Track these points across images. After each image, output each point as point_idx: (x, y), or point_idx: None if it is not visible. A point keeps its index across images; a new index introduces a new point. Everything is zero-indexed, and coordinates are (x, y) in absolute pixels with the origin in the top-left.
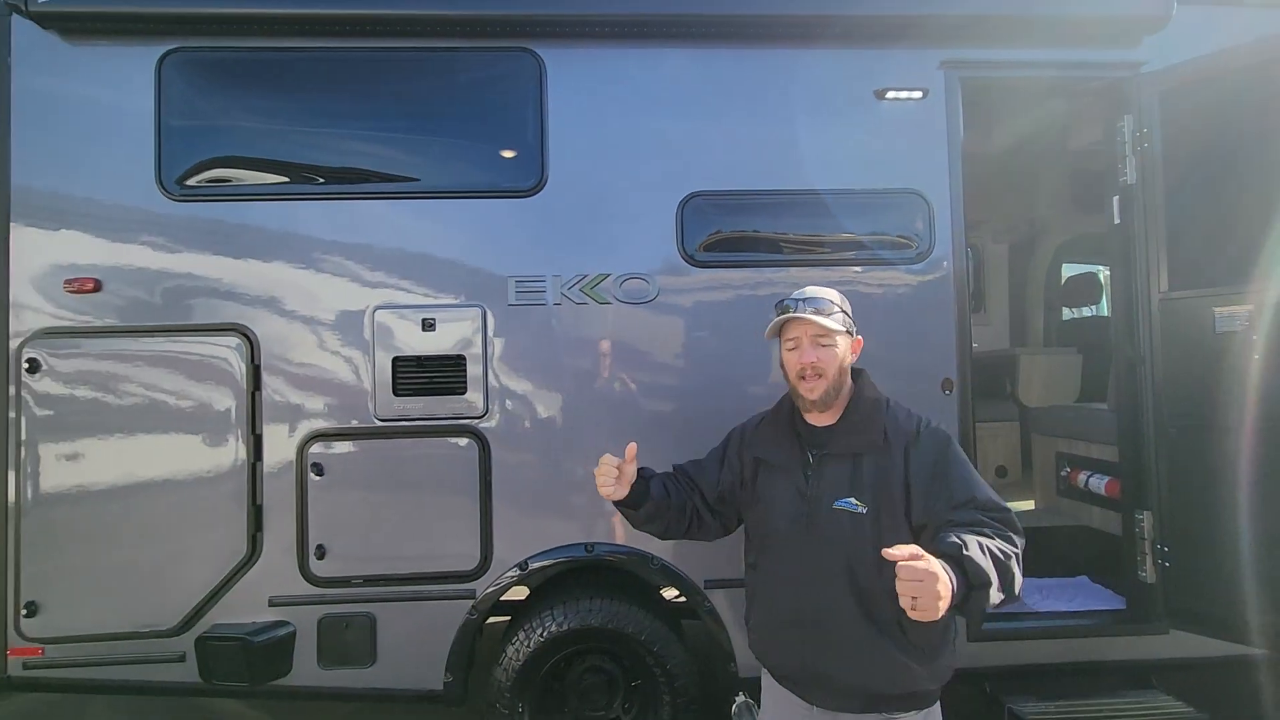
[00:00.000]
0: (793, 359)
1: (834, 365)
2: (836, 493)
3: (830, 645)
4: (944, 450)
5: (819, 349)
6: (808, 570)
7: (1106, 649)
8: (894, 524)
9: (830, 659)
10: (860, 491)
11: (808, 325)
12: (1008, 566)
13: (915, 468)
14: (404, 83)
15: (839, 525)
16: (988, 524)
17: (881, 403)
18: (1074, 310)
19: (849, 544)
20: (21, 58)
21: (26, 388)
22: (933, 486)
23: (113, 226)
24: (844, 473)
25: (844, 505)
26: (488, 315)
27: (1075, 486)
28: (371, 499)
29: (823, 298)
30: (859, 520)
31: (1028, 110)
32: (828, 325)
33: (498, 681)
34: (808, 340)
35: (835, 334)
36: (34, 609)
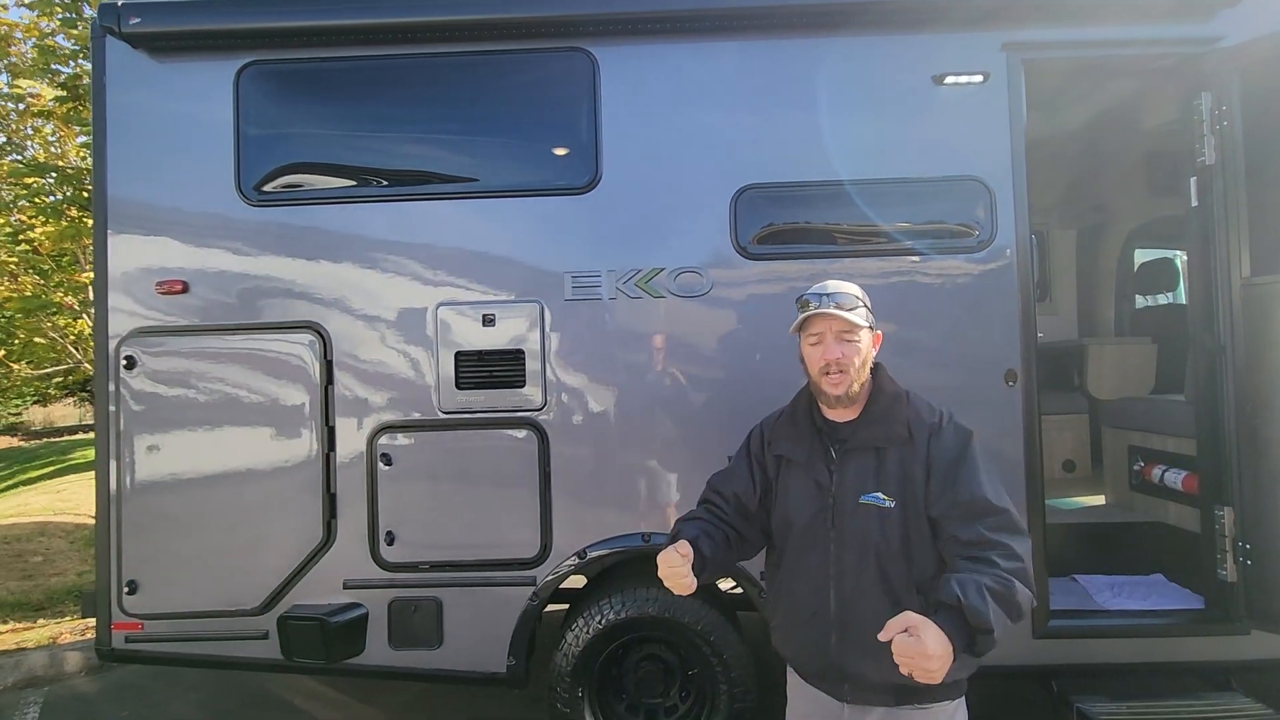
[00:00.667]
0: (815, 354)
1: (856, 361)
2: (862, 487)
3: (857, 640)
4: (964, 445)
5: (843, 344)
6: (832, 566)
7: (1182, 649)
8: (919, 516)
9: (859, 654)
10: (886, 485)
11: (832, 320)
12: (1010, 599)
13: (935, 458)
14: (462, 87)
15: (865, 520)
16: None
17: (902, 396)
18: (1148, 298)
19: (876, 539)
20: (115, 76)
21: (124, 384)
22: (945, 480)
23: (197, 231)
24: (868, 467)
25: (871, 500)
26: (545, 310)
27: (1149, 481)
28: (437, 488)
29: (845, 292)
30: (887, 514)
31: (1095, 90)
32: (852, 320)
33: (558, 667)
34: (831, 336)
35: (859, 329)
36: (134, 587)
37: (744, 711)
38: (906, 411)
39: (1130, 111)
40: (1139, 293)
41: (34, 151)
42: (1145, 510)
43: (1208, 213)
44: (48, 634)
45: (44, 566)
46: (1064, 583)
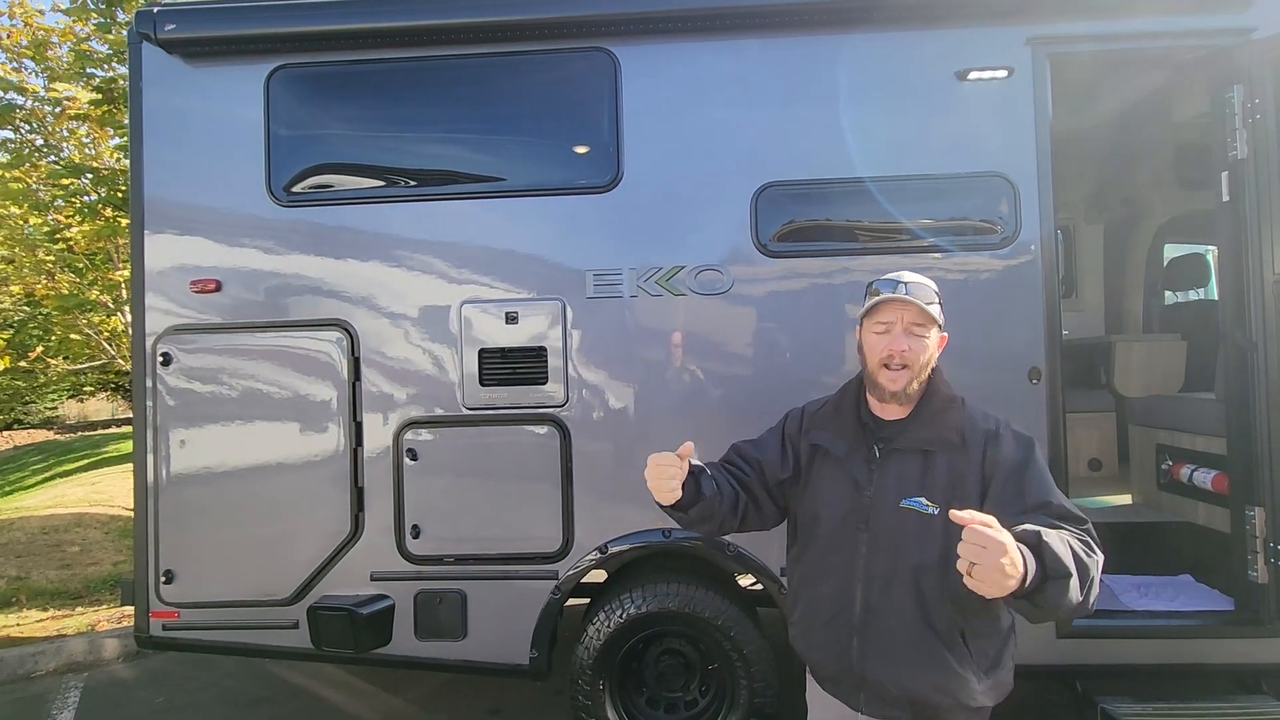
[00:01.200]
0: (879, 344)
1: (922, 358)
2: (904, 490)
3: (880, 648)
4: (1027, 454)
5: (911, 337)
6: (860, 568)
7: (1210, 651)
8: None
9: (878, 662)
10: (931, 491)
11: (907, 309)
12: (1087, 568)
13: (993, 466)
14: (485, 87)
15: (903, 525)
16: (1067, 530)
17: (957, 400)
18: (1178, 294)
19: (913, 545)
20: (151, 81)
21: (160, 380)
22: (1007, 488)
23: (229, 231)
24: (913, 470)
25: (912, 504)
26: (567, 308)
27: (1178, 481)
28: (461, 483)
29: (923, 284)
30: (927, 521)
31: (1124, 84)
32: (929, 313)
33: (579, 659)
34: (901, 327)
35: (931, 325)
36: (171, 576)
37: (764, 706)
38: (960, 416)
39: (1160, 105)
40: (1169, 288)
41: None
42: (1173, 510)
43: (1239, 207)
44: (86, 621)
45: (81, 556)
46: None
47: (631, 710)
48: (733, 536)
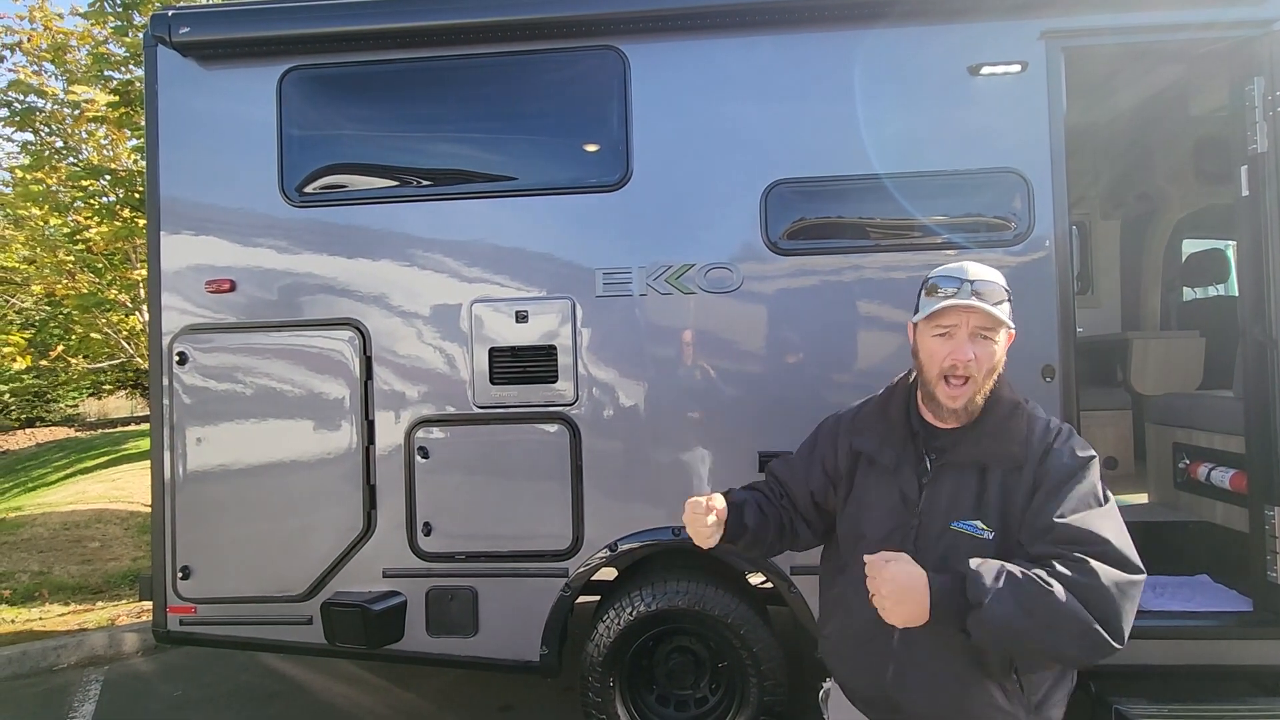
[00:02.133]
0: (941, 350)
1: (987, 367)
2: (957, 511)
3: (920, 678)
4: (1080, 468)
5: (979, 343)
6: None
7: (1228, 652)
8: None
9: (915, 690)
10: (986, 513)
11: (972, 313)
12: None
13: (1042, 479)
14: (494, 87)
15: (953, 548)
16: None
17: (1021, 406)
18: (1196, 290)
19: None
20: (166, 83)
21: (176, 379)
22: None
23: (243, 231)
24: (969, 488)
25: (965, 528)
26: (577, 307)
27: (1195, 480)
28: (472, 481)
29: (990, 280)
30: (981, 545)
31: (1140, 77)
32: (995, 315)
33: (589, 656)
34: (966, 331)
35: (1000, 328)
36: (188, 572)
37: (774, 705)
38: (1024, 427)
39: (1177, 98)
40: (1187, 284)
41: (88, 155)
42: (1191, 509)
43: (1259, 202)
44: (106, 616)
45: (101, 552)
46: None
47: (642, 707)
48: None
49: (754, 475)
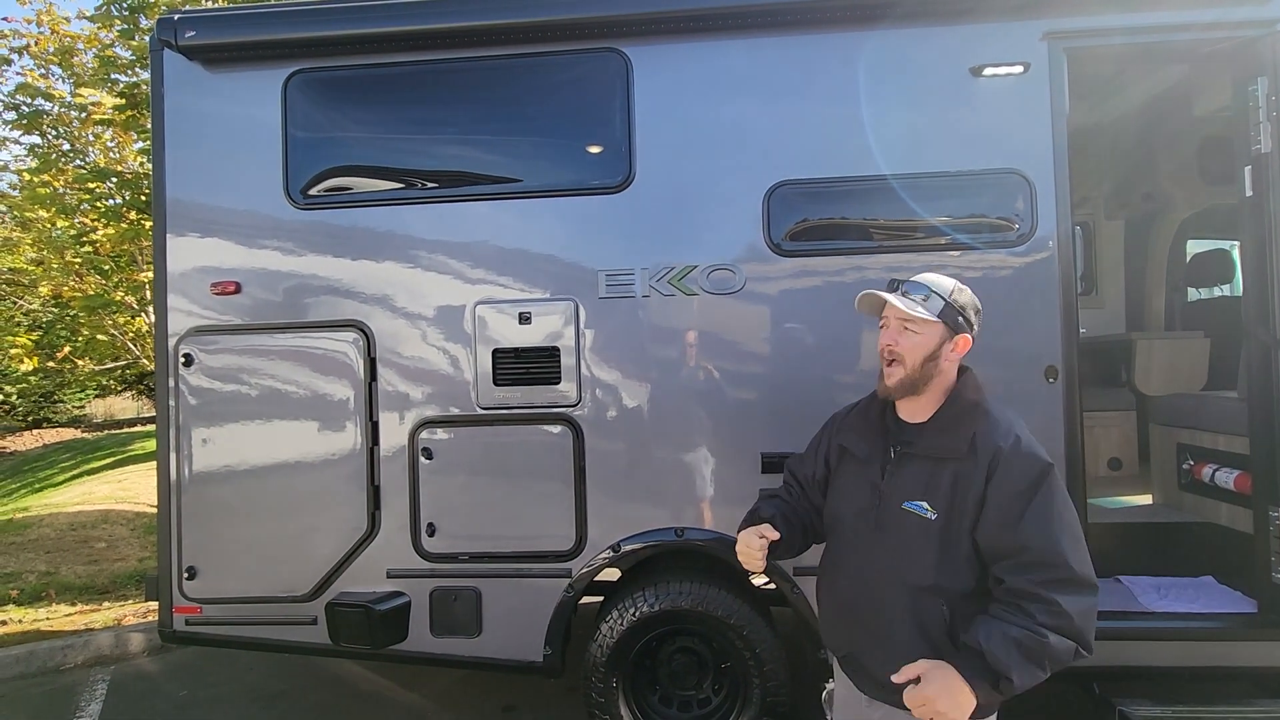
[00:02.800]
0: (880, 338)
1: (916, 355)
2: (909, 494)
3: (877, 640)
4: (1036, 480)
5: (902, 334)
6: (868, 564)
7: (1233, 654)
8: (959, 537)
9: (877, 652)
10: (933, 497)
11: (891, 308)
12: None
13: (995, 488)
14: (498, 89)
15: (904, 526)
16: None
17: (980, 408)
18: (1201, 290)
19: (911, 546)
20: (172, 86)
21: (182, 380)
22: (1006, 516)
23: (248, 234)
24: (921, 475)
25: (913, 508)
26: (580, 308)
27: (1200, 481)
28: (476, 482)
29: (925, 284)
30: (926, 526)
31: (1143, 77)
32: (908, 312)
33: (593, 657)
34: (895, 322)
35: (923, 323)
36: (193, 573)
37: (776, 705)
38: (976, 426)
39: (1181, 98)
40: (1191, 285)
41: (95, 157)
42: (1195, 510)
43: (1263, 202)
44: (112, 616)
45: (108, 552)
46: (1108, 583)
47: (645, 708)
48: None
49: (756, 476)
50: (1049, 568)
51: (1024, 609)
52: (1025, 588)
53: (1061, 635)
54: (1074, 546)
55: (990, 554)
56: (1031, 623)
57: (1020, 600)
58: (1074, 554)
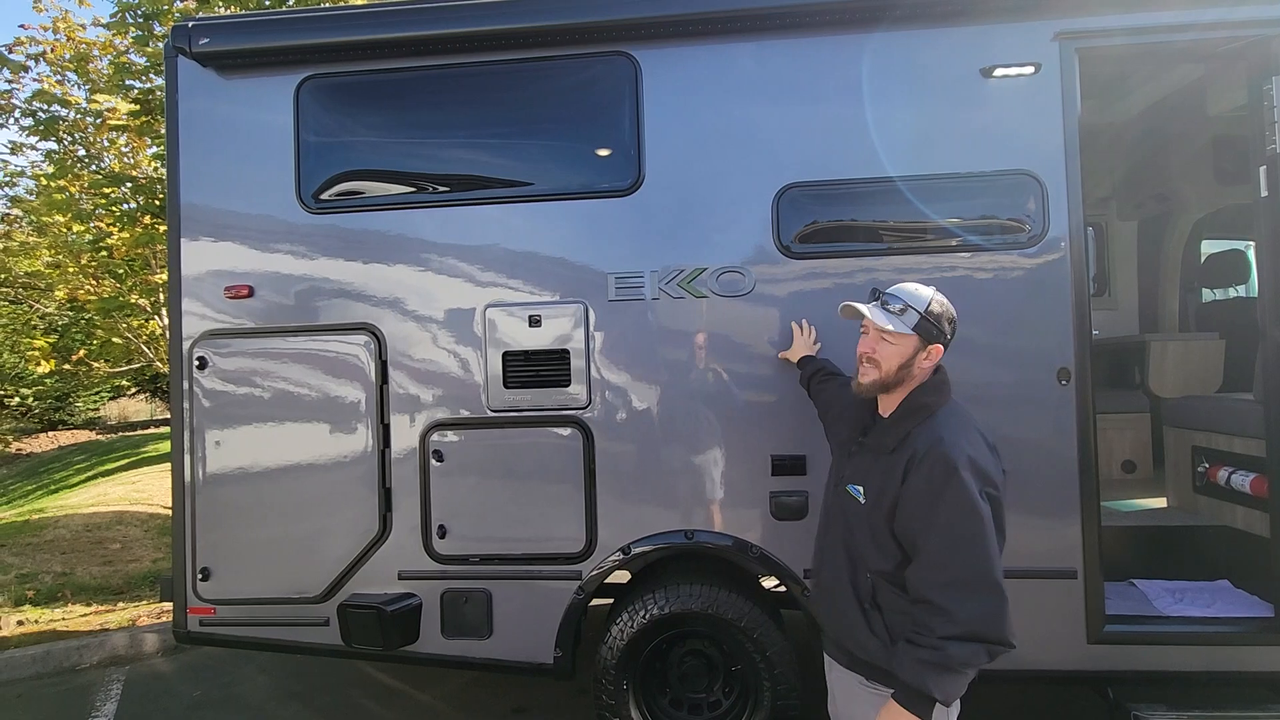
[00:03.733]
0: (860, 344)
1: (890, 363)
2: (853, 478)
3: (828, 605)
4: (940, 485)
5: (879, 342)
6: (828, 536)
7: (1249, 659)
8: (878, 525)
9: (829, 615)
10: (867, 484)
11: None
12: (947, 666)
13: (906, 488)
14: (507, 93)
15: (847, 505)
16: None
17: (927, 410)
18: (1215, 291)
19: (851, 522)
20: (186, 92)
21: (197, 383)
22: (916, 513)
23: (261, 238)
24: (864, 463)
25: (851, 490)
26: (589, 311)
27: (1215, 484)
28: (486, 484)
29: (900, 296)
30: (859, 508)
31: (1156, 77)
32: (881, 326)
33: (603, 659)
34: (873, 330)
35: (896, 335)
36: (207, 574)
37: (787, 709)
38: (912, 426)
39: (1194, 98)
40: (1206, 285)
41: (110, 163)
42: (1210, 513)
43: (1278, 202)
44: (127, 616)
45: (122, 553)
46: (1121, 587)
47: (655, 710)
48: (758, 538)
49: (767, 479)
50: (941, 569)
51: (926, 623)
52: (923, 594)
53: (962, 641)
54: (971, 548)
55: (908, 549)
56: (932, 638)
57: (921, 613)
58: (968, 555)
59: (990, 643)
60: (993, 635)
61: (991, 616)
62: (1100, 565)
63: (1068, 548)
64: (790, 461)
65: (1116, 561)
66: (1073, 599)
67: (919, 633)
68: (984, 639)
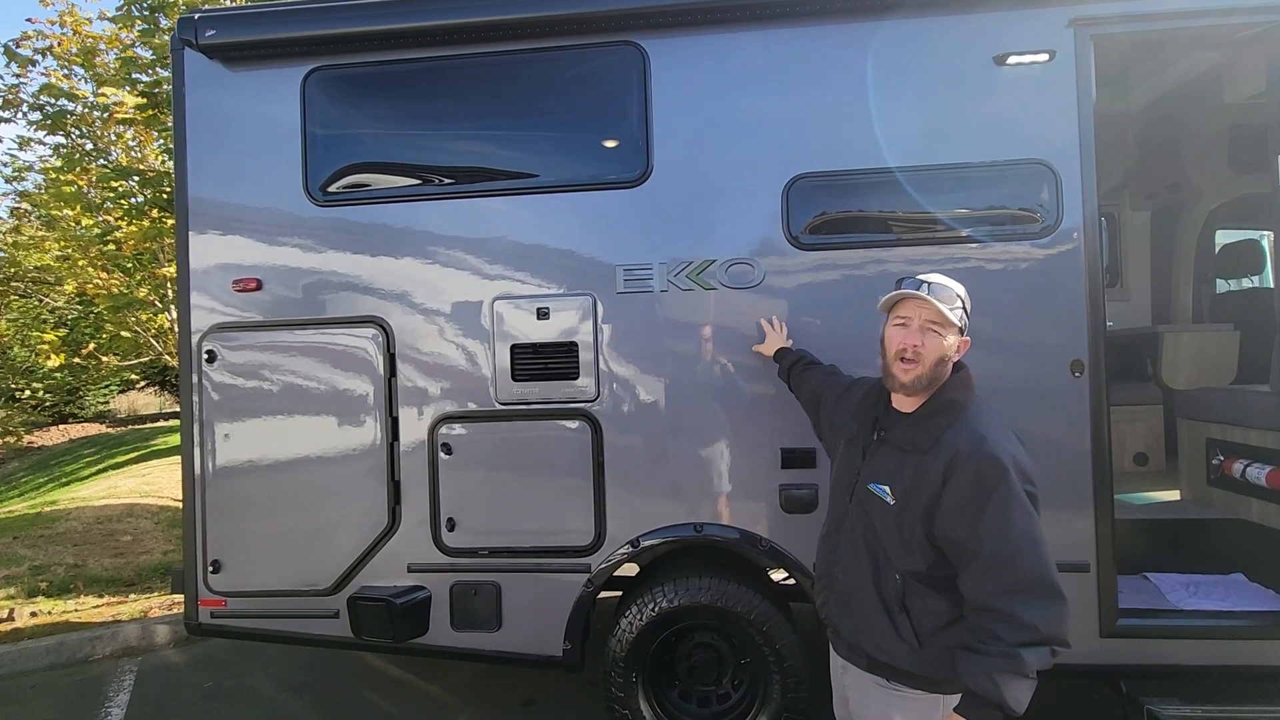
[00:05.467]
0: (896, 336)
1: (934, 355)
2: (877, 476)
3: (844, 604)
4: (990, 484)
5: (926, 334)
6: (843, 535)
7: (1263, 653)
8: (912, 526)
9: (845, 617)
10: (895, 484)
11: (923, 307)
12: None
13: (949, 491)
14: (515, 84)
15: (870, 505)
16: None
17: (956, 406)
18: (1230, 282)
19: (875, 523)
20: (193, 85)
21: (206, 376)
22: (964, 517)
23: (269, 231)
24: (890, 461)
25: (876, 490)
26: (597, 303)
27: (1230, 476)
28: (495, 477)
29: (946, 286)
30: (885, 509)
31: (1172, 64)
32: (944, 313)
33: (612, 652)
34: (918, 322)
35: (948, 325)
36: (218, 566)
37: (796, 701)
38: (946, 424)
39: (1211, 85)
40: (1220, 276)
41: (118, 156)
42: (1225, 506)
43: None
44: (139, 608)
45: (133, 545)
46: (1135, 581)
47: (664, 703)
48: (766, 530)
49: (776, 471)
50: (1002, 575)
51: (992, 631)
52: (986, 602)
53: (1032, 646)
54: (1030, 550)
55: (951, 558)
56: (1003, 645)
57: (985, 621)
58: (1029, 558)
59: (1055, 644)
60: (1058, 637)
61: (1056, 618)
62: (1113, 558)
63: (1080, 541)
64: (800, 454)
65: (1129, 555)
66: (1085, 592)
67: (982, 641)
68: (1050, 641)
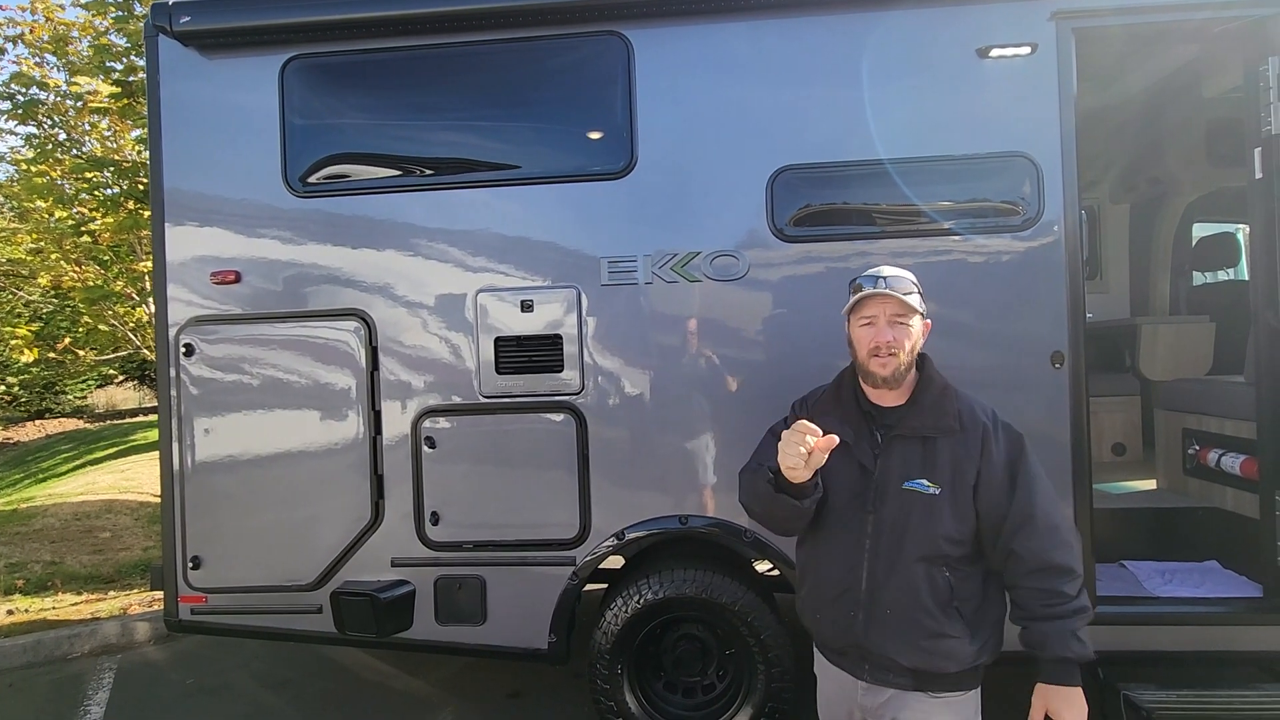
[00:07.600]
0: (866, 336)
1: (908, 345)
2: (907, 473)
3: (884, 621)
4: (1020, 452)
5: (895, 328)
6: (867, 547)
7: (1238, 638)
8: (965, 509)
9: (882, 635)
10: (933, 473)
11: (887, 303)
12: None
13: (990, 460)
14: (497, 74)
15: (908, 505)
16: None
17: (950, 389)
18: (1207, 274)
19: (917, 524)
20: (168, 73)
21: (184, 370)
22: (1000, 484)
23: (247, 222)
24: (915, 454)
25: (915, 486)
26: (582, 296)
27: (1205, 466)
28: (479, 470)
29: (901, 276)
30: (930, 501)
31: (1152, 58)
32: (907, 303)
33: (597, 644)
34: (885, 319)
35: (912, 313)
36: (198, 562)
37: (781, 691)
38: (957, 404)
39: (1190, 79)
40: (1197, 269)
41: (92, 147)
42: (1200, 495)
43: (1272, 185)
44: (118, 605)
45: (112, 542)
46: (1112, 569)
47: (650, 694)
48: (751, 522)
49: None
50: (1055, 530)
51: (1055, 589)
52: (1047, 559)
53: (1083, 589)
54: (1056, 502)
55: (992, 524)
56: (1070, 601)
57: (1045, 581)
58: (1059, 510)
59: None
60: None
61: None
62: (1091, 547)
63: None
64: None
65: (1107, 543)
66: None
67: (1049, 604)
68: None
